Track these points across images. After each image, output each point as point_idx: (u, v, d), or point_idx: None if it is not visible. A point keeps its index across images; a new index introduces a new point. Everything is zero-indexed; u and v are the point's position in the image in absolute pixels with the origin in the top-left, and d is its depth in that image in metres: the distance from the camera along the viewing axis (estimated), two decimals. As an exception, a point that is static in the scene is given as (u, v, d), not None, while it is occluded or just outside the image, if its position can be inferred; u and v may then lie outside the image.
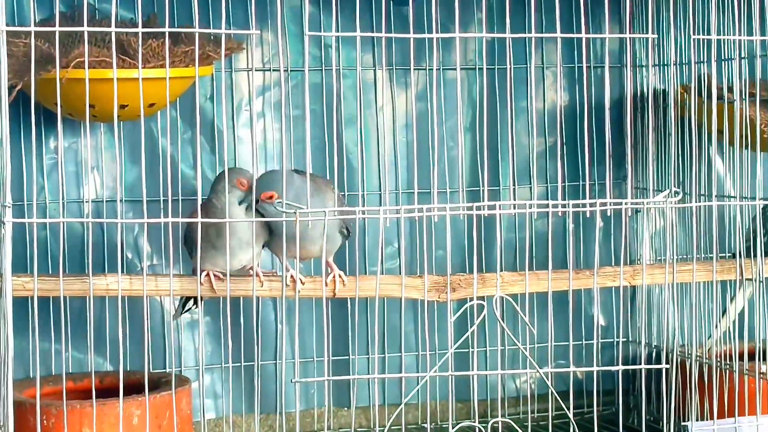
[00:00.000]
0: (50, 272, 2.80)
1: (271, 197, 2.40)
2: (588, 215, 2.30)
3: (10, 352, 1.97)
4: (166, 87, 2.52)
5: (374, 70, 3.04)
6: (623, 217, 2.68)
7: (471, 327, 2.26)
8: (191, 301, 2.71)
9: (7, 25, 1.95)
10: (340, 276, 2.56)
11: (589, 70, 3.13)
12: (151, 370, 2.78)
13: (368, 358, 3.03)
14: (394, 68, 3.04)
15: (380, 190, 3.04)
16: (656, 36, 3.00)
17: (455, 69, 3.01)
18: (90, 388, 2.67)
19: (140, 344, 2.81)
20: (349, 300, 2.97)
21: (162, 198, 2.78)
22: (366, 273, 2.99)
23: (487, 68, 3.04)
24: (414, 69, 2.93)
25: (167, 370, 2.89)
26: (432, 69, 3.01)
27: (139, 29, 2.03)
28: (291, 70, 2.96)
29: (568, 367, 3.05)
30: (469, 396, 3.08)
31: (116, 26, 2.05)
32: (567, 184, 3.13)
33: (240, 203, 2.48)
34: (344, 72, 3.01)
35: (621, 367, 2.35)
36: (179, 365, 2.90)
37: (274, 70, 2.97)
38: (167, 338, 2.92)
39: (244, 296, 2.71)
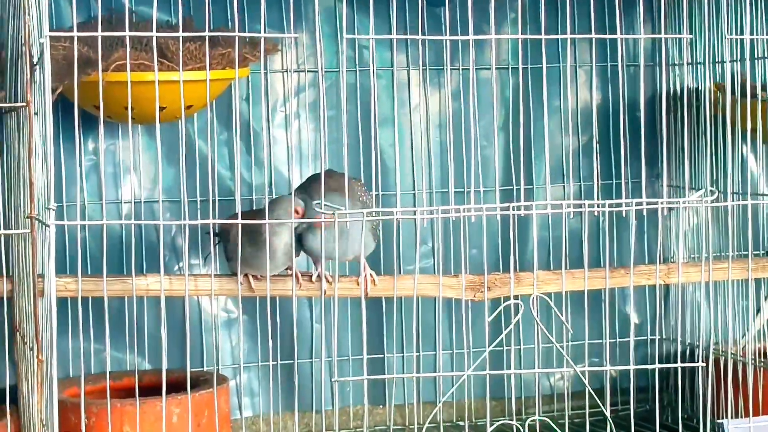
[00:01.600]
0: (88, 272, 2.83)
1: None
2: (624, 215, 2.31)
3: (53, 352, 2.00)
4: (202, 89, 2.55)
5: (408, 71, 3.06)
6: (659, 216, 2.69)
7: (505, 326, 2.28)
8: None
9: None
10: (371, 276, 2.58)
11: (623, 69, 3.14)
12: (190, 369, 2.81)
13: (403, 357, 3.05)
14: (428, 68, 3.06)
15: (414, 190, 3.06)
16: (691, 36, 3.01)
17: (489, 69, 3.03)
18: (128, 386, 2.72)
19: (177, 343, 2.85)
20: (383, 299, 2.99)
21: (199, 198, 2.80)
22: (401, 272, 3.01)
23: (521, 68, 3.05)
24: (447, 69, 2.94)
25: (205, 368, 2.92)
26: (466, 69, 3.03)
27: (180, 33, 2.05)
28: (326, 71, 2.98)
29: (602, 364, 3.06)
30: (503, 394, 3.10)
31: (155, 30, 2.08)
32: (600, 182, 3.14)
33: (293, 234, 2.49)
34: (378, 72, 3.04)
35: (657, 366, 2.36)
36: (216, 364, 2.93)
37: (309, 72, 3.00)
38: (204, 337, 2.95)
39: (281, 296, 2.74)
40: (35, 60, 2.06)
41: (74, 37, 2.00)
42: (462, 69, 3.05)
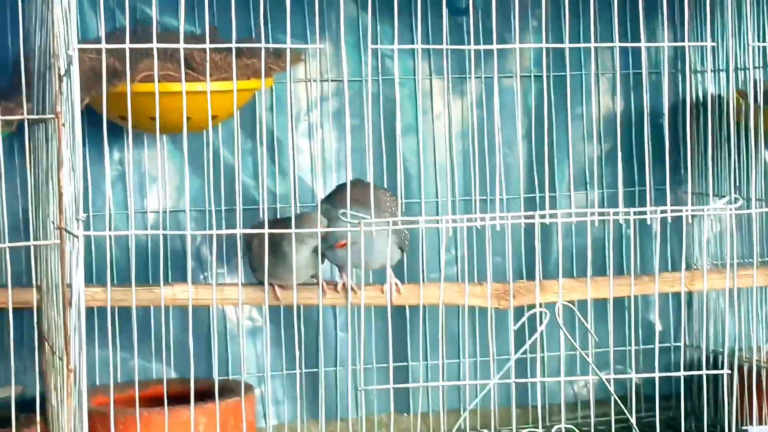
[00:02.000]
0: (115, 282, 2.85)
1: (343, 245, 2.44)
2: (648, 222, 2.32)
3: (83, 362, 2.02)
4: (227, 99, 2.56)
5: (431, 79, 3.07)
6: (683, 223, 2.69)
7: (529, 334, 2.29)
8: None
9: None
10: (396, 284, 2.60)
11: (646, 77, 3.14)
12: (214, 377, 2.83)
13: (427, 365, 3.06)
14: (451, 77, 3.07)
15: (437, 198, 3.07)
16: (714, 43, 3.01)
17: (512, 77, 3.04)
18: (155, 395, 2.73)
19: (203, 352, 2.86)
20: (407, 308, 3.00)
21: (224, 207, 2.82)
22: (425, 280, 3.02)
23: (545, 76, 3.05)
24: (470, 78, 2.96)
25: (230, 377, 2.94)
26: (489, 78, 3.04)
27: (207, 44, 2.07)
28: (349, 80, 2.99)
29: (626, 372, 3.07)
30: (527, 402, 3.10)
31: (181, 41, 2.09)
32: (623, 190, 3.14)
33: (313, 250, 2.51)
34: (401, 81, 3.05)
35: (682, 373, 2.36)
36: (242, 372, 2.94)
37: (332, 81, 3.02)
38: (230, 346, 2.97)
39: (306, 305, 2.76)
40: (63, 71, 2.07)
41: (102, 48, 2.01)
42: (485, 77, 3.06)
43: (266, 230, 2.17)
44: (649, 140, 2.93)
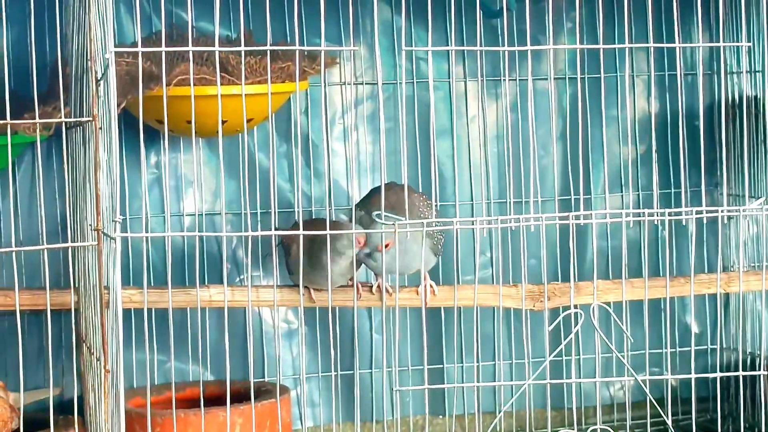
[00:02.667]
0: (152, 284, 2.87)
1: (386, 246, 2.45)
2: (684, 223, 2.31)
3: (120, 363, 2.04)
4: (262, 102, 2.58)
5: (465, 82, 3.08)
6: (718, 224, 2.68)
7: (564, 335, 2.28)
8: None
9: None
10: (431, 286, 2.60)
11: (681, 78, 3.14)
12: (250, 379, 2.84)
13: (462, 367, 3.06)
14: (485, 79, 3.07)
15: (472, 200, 3.08)
16: (750, 44, 3.00)
17: (546, 79, 3.04)
18: (191, 397, 2.75)
19: (239, 354, 2.88)
20: (442, 309, 3.01)
21: (260, 210, 2.84)
22: (459, 282, 3.02)
23: (576, 78, 3.05)
24: (505, 80, 2.96)
25: (266, 379, 2.95)
26: (523, 80, 3.04)
27: (242, 47, 2.08)
28: (383, 83, 3.01)
29: (662, 374, 3.06)
30: (562, 404, 3.10)
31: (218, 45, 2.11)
32: (659, 191, 3.13)
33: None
34: (435, 84, 3.05)
35: (719, 374, 2.36)
36: (278, 374, 2.95)
37: (367, 84, 3.03)
38: (265, 348, 2.98)
39: (341, 307, 2.77)
40: (100, 75, 2.09)
41: (139, 52, 2.03)
42: (519, 80, 3.06)
43: (301, 231, 2.18)
44: (684, 142, 2.93)
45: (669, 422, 2.29)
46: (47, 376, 2.40)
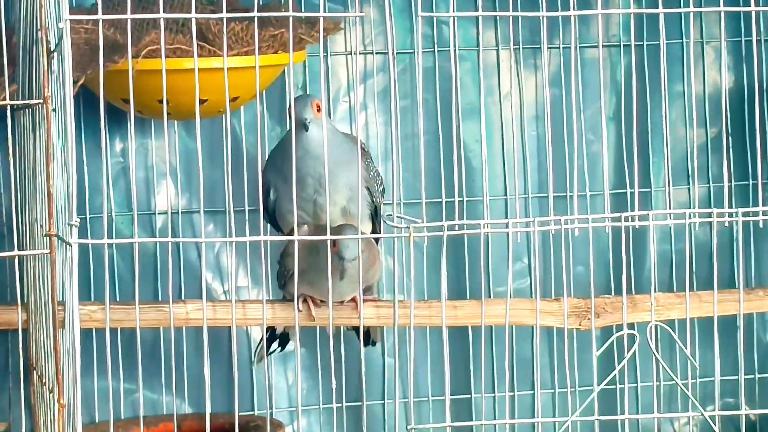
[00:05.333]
0: (117, 298, 2.90)
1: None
2: (761, 225, 2.33)
3: (77, 394, 2.06)
4: (250, 78, 2.60)
5: (497, 51, 3.09)
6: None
7: (617, 360, 2.30)
8: (276, 342, 2.80)
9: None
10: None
11: (759, 45, 3.14)
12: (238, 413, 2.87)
13: (494, 398, 3.08)
14: (521, 47, 3.08)
15: (506, 195, 3.09)
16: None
17: (596, 47, 3.05)
18: (165, 434, 2.78)
19: (224, 382, 2.90)
20: (469, 328, 3.03)
21: (247, 208, 2.86)
22: (490, 296, 3.04)
23: (634, 45, 3.06)
24: (546, 48, 2.97)
25: (256, 412, 2.98)
26: (567, 48, 3.05)
27: (224, 14, 2.10)
28: (397, 53, 3.02)
29: (737, 406, 3.07)
30: (615, 442, 3.12)
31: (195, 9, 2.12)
32: (733, 184, 3.14)
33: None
34: (461, 53, 3.07)
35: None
36: (270, 407, 2.98)
37: (378, 54, 3.04)
38: (255, 375, 3.00)
39: (345, 325, 2.79)
40: (53, 47, 2.11)
41: (99, 19, 2.05)
42: (563, 48, 3.08)
43: (296, 237, 2.20)
44: (763, 123, 2.94)
45: (743, 466, 2.31)
46: (-9, 409, 2.43)
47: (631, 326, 2.59)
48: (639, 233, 3.07)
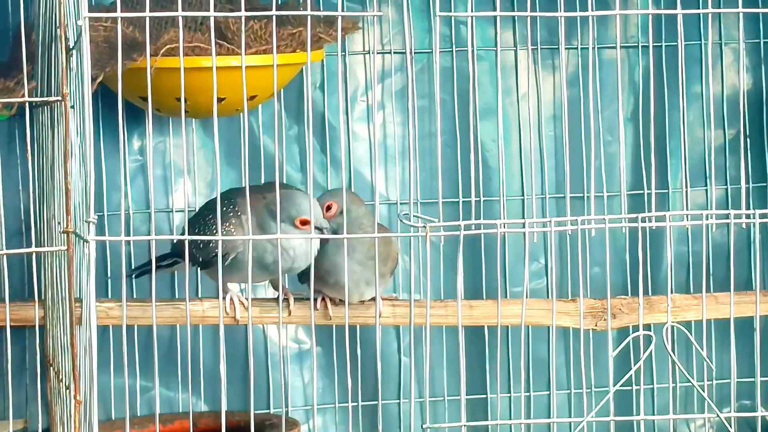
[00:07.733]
0: (134, 296, 2.90)
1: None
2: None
3: (94, 391, 2.07)
4: (268, 76, 2.60)
5: (515, 51, 3.09)
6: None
7: (634, 361, 2.30)
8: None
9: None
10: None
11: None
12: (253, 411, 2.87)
13: (509, 398, 3.08)
14: (539, 48, 3.08)
15: (523, 195, 3.09)
16: None
17: (614, 48, 3.05)
18: (181, 431, 2.78)
19: (239, 380, 2.90)
20: (485, 328, 3.03)
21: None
22: (506, 296, 3.04)
23: (653, 46, 3.06)
24: (564, 48, 2.97)
25: (272, 410, 2.98)
26: (585, 48, 3.05)
27: (242, 12, 2.11)
28: (415, 52, 3.02)
29: (754, 408, 3.06)
30: (631, 442, 3.12)
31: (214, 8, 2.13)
32: (751, 185, 3.14)
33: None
34: (479, 53, 3.07)
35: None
36: (285, 405, 2.98)
37: (396, 53, 3.04)
38: (271, 373, 3.01)
39: (362, 325, 2.79)
40: (72, 44, 2.12)
41: (118, 17, 2.06)
42: (581, 48, 3.07)
43: (312, 236, 2.20)
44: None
45: (760, 468, 2.31)
46: (7, 405, 2.43)
47: (647, 327, 2.59)
48: (656, 234, 3.08)
